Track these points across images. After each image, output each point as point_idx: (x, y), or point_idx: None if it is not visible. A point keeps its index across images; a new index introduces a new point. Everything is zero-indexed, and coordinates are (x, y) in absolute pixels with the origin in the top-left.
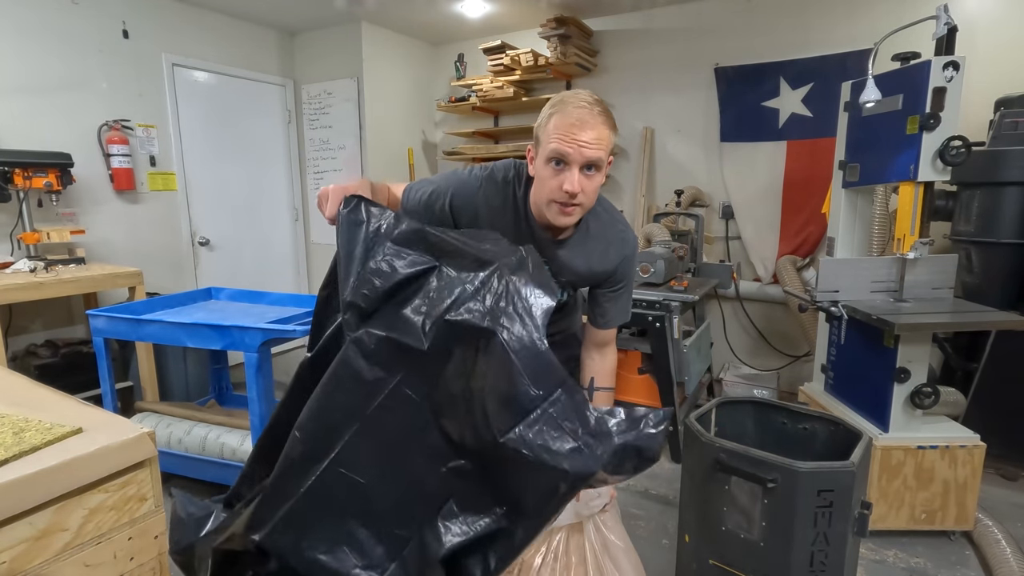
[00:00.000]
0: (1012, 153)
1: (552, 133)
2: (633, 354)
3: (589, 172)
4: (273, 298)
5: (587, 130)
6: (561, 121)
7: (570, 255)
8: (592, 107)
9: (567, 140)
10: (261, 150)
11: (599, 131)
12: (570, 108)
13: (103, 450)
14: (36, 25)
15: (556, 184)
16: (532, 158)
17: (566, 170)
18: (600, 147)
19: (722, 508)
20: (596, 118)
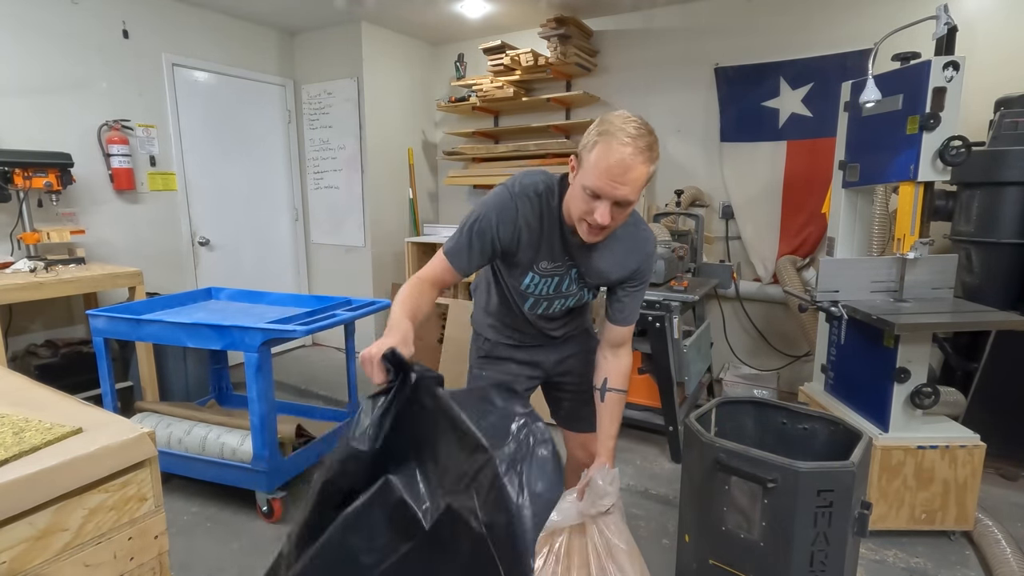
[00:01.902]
0: (1012, 153)
1: (592, 168)
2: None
3: (621, 206)
4: (273, 298)
5: (627, 175)
6: (604, 158)
7: (599, 257)
8: (636, 144)
9: (604, 181)
10: (261, 150)
11: (638, 172)
12: (615, 145)
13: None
14: (36, 25)
15: (588, 209)
16: (573, 168)
17: (599, 202)
18: (636, 188)
19: (722, 508)
20: (637, 159)
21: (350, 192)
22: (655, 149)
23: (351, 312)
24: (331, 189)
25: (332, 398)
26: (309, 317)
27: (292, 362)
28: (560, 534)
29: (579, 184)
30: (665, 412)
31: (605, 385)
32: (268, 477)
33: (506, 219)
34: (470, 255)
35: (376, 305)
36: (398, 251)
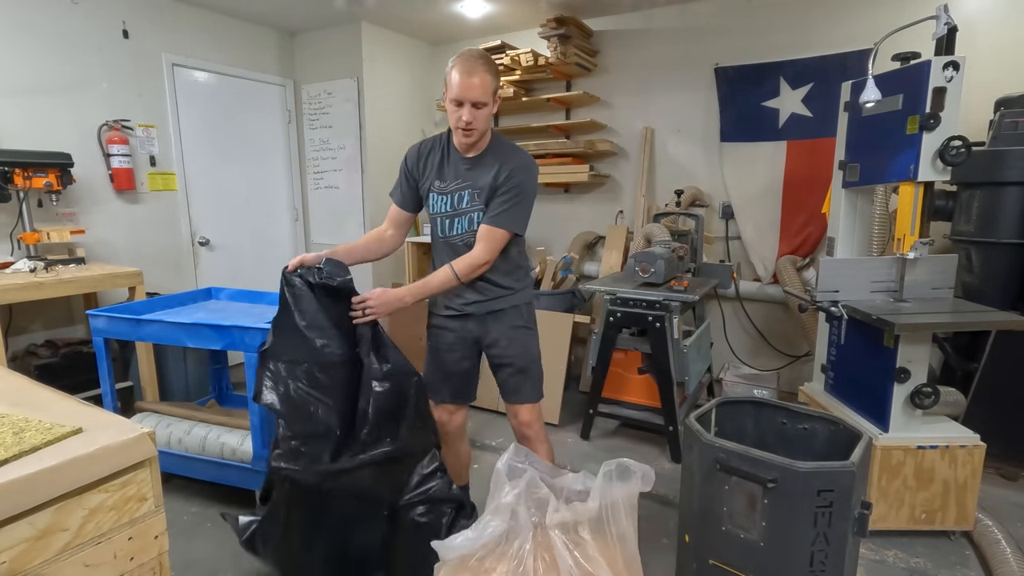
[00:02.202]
0: (1012, 153)
1: (450, 84)
2: (633, 354)
3: (478, 108)
4: (273, 298)
5: (472, 78)
6: (455, 73)
7: (475, 170)
8: (476, 60)
9: (458, 89)
10: (261, 150)
11: (481, 77)
12: (460, 62)
13: (103, 450)
14: (36, 25)
15: (457, 116)
16: (445, 98)
17: (462, 108)
18: (483, 90)
19: (722, 508)
20: (477, 65)
21: (350, 192)
22: (493, 65)
23: None
24: (331, 189)
25: None
26: None
27: None
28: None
29: (447, 102)
30: (665, 412)
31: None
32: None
33: (413, 155)
34: (399, 186)
35: None
36: (398, 251)
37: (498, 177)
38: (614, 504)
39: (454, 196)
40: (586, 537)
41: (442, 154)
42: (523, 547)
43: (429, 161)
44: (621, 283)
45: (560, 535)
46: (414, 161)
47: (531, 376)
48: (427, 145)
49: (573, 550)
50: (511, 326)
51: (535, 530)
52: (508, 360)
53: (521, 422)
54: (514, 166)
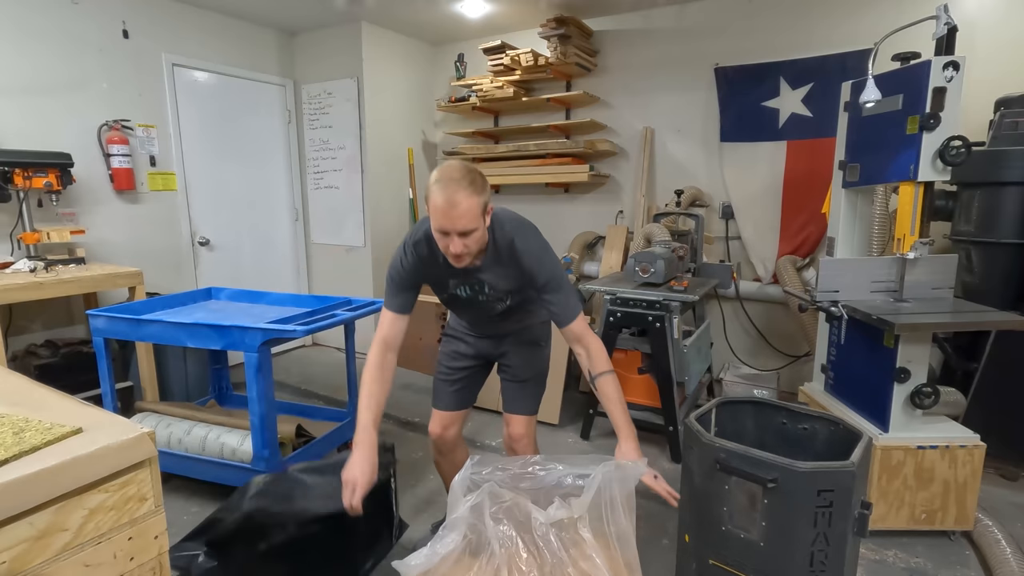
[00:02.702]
0: (1012, 153)
1: (432, 213)
2: (633, 354)
3: (466, 235)
4: (273, 298)
5: (457, 208)
6: (435, 202)
7: (490, 275)
8: (458, 183)
9: (441, 221)
10: (261, 150)
11: (465, 204)
12: (440, 190)
13: (103, 450)
14: (36, 25)
15: (444, 245)
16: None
17: (448, 237)
18: (470, 218)
19: (722, 508)
20: (460, 194)
21: (350, 192)
22: (477, 182)
23: (351, 312)
24: (331, 189)
25: (332, 398)
26: (309, 317)
27: (292, 362)
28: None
29: (432, 228)
30: (665, 412)
31: (592, 376)
32: None
33: (407, 265)
34: (399, 297)
35: (376, 305)
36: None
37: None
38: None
39: (475, 289)
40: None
41: (443, 263)
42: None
43: (428, 267)
44: (621, 283)
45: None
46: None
47: (528, 388)
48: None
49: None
50: (523, 340)
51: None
52: (511, 369)
53: (511, 434)
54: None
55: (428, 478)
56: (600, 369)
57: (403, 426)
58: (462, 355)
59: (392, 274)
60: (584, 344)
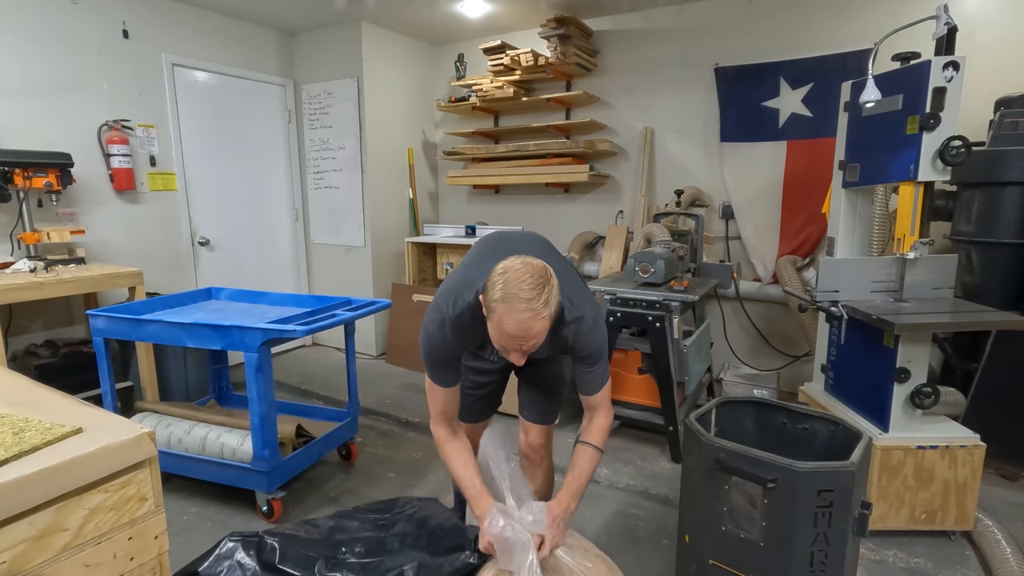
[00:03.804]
0: (1012, 153)
1: (496, 329)
2: (633, 354)
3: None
4: (273, 298)
5: (528, 334)
6: (505, 323)
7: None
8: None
9: (510, 343)
10: (261, 150)
11: (538, 328)
12: (513, 313)
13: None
14: (36, 25)
15: (503, 350)
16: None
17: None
18: (538, 339)
19: (722, 508)
20: (535, 320)
21: (350, 192)
22: (552, 301)
23: (351, 312)
24: (331, 189)
25: (332, 398)
26: (309, 317)
27: (292, 362)
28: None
29: (491, 332)
30: (665, 412)
31: (577, 439)
32: (268, 477)
33: (448, 342)
34: (446, 372)
35: (376, 305)
36: (398, 251)
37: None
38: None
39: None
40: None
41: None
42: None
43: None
44: (621, 283)
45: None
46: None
47: (553, 397)
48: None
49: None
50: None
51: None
52: (536, 378)
53: (530, 443)
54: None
55: (428, 478)
56: (593, 441)
57: (403, 426)
58: (486, 371)
59: (433, 351)
60: (594, 415)
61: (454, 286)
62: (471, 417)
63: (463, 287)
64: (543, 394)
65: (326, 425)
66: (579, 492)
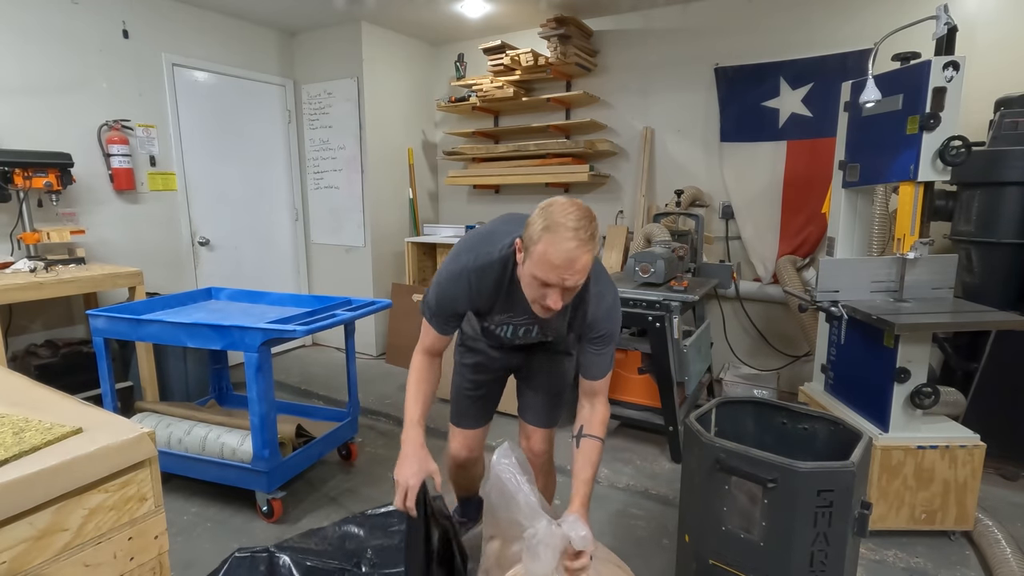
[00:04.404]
0: (1012, 153)
1: (539, 262)
2: (633, 354)
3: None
4: (273, 298)
5: (573, 266)
6: (549, 255)
7: (553, 319)
8: (577, 235)
9: (553, 275)
10: (261, 150)
11: (583, 262)
12: (558, 241)
13: (103, 450)
14: (36, 25)
15: (539, 295)
16: (520, 252)
17: (550, 289)
18: (582, 276)
19: (722, 508)
20: (581, 250)
21: (350, 192)
22: (595, 235)
23: (351, 312)
24: (331, 189)
25: (332, 398)
26: (309, 317)
27: (292, 362)
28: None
29: (528, 273)
30: (665, 412)
31: (581, 432)
32: (268, 477)
33: (463, 293)
34: (449, 323)
35: (376, 305)
36: (398, 251)
37: (582, 321)
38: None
39: (520, 327)
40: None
41: (508, 294)
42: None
43: (484, 298)
44: (621, 283)
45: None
46: (465, 301)
47: (556, 400)
48: (479, 283)
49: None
50: (556, 351)
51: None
52: (539, 380)
53: (532, 448)
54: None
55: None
56: (595, 432)
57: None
58: (486, 368)
59: (441, 297)
60: (594, 402)
61: (477, 238)
62: (470, 421)
63: (486, 238)
64: (547, 396)
65: (326, 425)
66: (590, 488)
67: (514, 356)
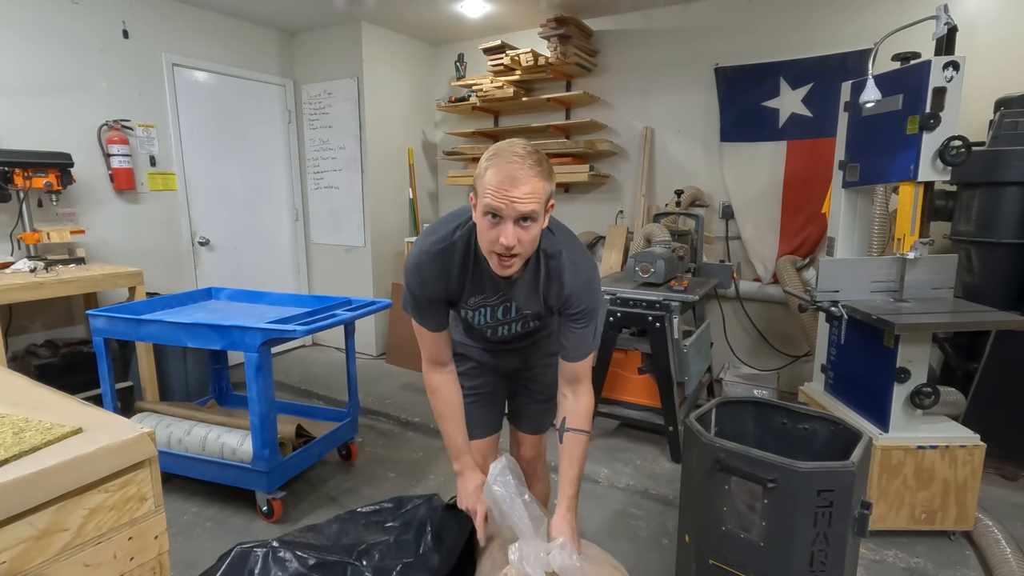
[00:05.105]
0: (1012, 153)
1: (487, 188)
2: (633, 354)
3: (525, 224)
4: (273, 298)
5: (519, 186)
6: (495, 176)
7: (525, 292)
8: (524, 160)
9: (500, 197)
10: (261, 150)
11: (532, 185)
12: (503, 163)
13: (103, 450)
14: (36, 25)
15: (493, 236)
16: (474, 205)
17: (501, 223)
18: (533, 200)
19: (722, 508)
20: (528, 172)
21: (350, 192)
22: (545, 165)
23: (351, 312)
24: (331, 189)
25: (332, 398)
26: (309, 317)
27: (292, 362)
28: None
29: (480, 212)
30: (665, 412)
31: (563, 425)
32: (268, 477)
33: (429, 275)
34: (432, 315)
35: (376, 305)
36: (398, 251)
37: (558, 294)
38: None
39: (498, 309)
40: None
41: (476, 270)
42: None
43: (450, 280)
44: (621, 283)
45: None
46: (436, 281)
47: (551, 405)
48: (439, 265)
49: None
50: (550, 352)
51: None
52: (537, 387)
53: (525, 455)
54: (579, 280)
55: (428, 478)
56: (579, 425)
57: (403, 426)
58: (480, 372)
59: (413, 288)
60: (576, 389)
61: (436, 223)
62: (476, 431)
63: (445, 220)
64: (540, 401)
65: (326, 425)
66: (578, 487)
67: (508, 358)
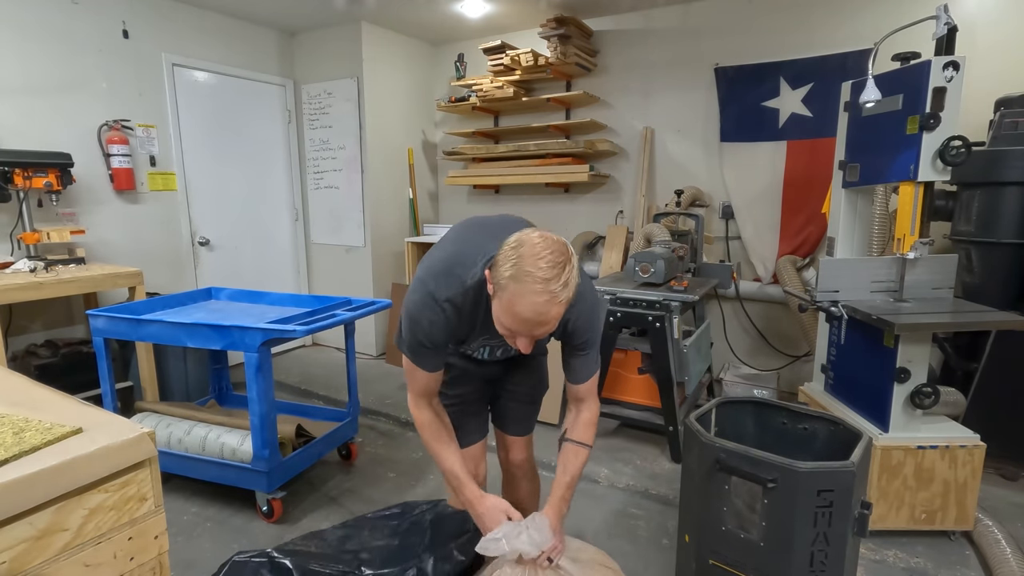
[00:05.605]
0: (1012, 153)
1: (506, 312)
2: (633, 354)
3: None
4: (273, 298)
5: (540, 319)
6: (517, 306)
7: None
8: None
9: (521, 328)
10: (261, 150)
11: (552, 314)
12: (528, 294)
13: (103, 450)
14: (36, 25)
15: (510, 337)
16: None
17: (518, 335)
18: (552, 326)
19: (722, 508)
20: (551, 305)
21: (350, 192)
22: (571, 283)
23: (351, 312)
24: (331, 189)
25: (332, 398)
26: (309, 317)
27: (292, 362)
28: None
29: (496, 315)
30: (665, 412)
31: (564, 436)
32: (268, 477)
33: (438, 326)
34: (433, 359)
35: (376, 305)
36: (398, 251)
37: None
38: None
39: (497, 349)
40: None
41: (485, 318)
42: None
43: (461, 325)
44: (621, 283)
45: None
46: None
47: (536, 407)
48: (451, 313)
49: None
50: (532, 357)
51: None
52: (521, 390)
53: (513, 459)
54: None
55: (428, 478)
56: (577, 437)
57: (403, 426)
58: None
59: (416, 335)
60: (581, 408)
61: (443, 264)
62: (472, 434)
63: (454, 264)
64: (526, 403)
65: (326, 425)
66: (571, 494)
67: (492, 368)
